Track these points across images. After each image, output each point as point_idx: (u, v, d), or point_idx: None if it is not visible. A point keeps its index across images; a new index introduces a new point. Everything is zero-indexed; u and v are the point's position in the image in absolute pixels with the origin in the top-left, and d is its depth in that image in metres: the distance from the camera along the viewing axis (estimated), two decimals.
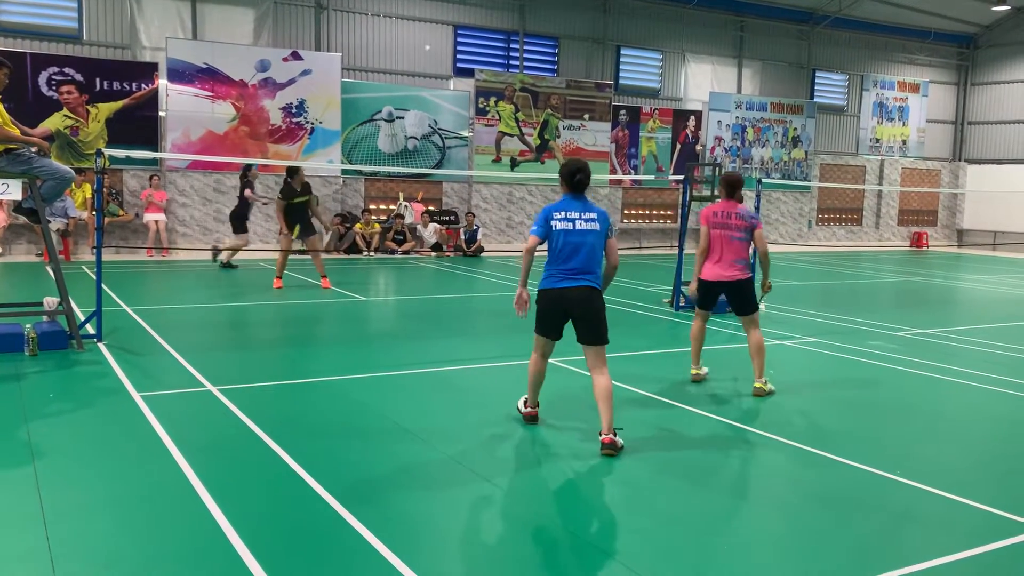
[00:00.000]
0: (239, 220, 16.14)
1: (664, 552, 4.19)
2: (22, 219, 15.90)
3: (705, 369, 7.87)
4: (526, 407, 6.35)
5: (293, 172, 13.44)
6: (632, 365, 8.45)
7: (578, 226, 5.76)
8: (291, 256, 18.21)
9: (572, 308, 5.78)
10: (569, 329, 5.95)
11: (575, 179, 5.80)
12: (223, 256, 16.14)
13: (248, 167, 16.28)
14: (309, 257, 18.81)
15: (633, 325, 10.97)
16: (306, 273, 15.67)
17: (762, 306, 12.43)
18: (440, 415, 6.52)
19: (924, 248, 29.05)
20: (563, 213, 5.78)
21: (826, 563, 4.12)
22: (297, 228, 13.47)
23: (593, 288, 5.77)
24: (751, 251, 7.75)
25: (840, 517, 4.70)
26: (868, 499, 4.98)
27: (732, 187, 7.59)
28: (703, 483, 5.21)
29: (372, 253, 19.58)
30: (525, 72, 22.88)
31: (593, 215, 5.81)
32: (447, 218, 21.57)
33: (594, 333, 5.77)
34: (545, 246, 5.87)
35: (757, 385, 7.34)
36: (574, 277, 5.75)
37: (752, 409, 6.94)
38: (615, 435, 5.63)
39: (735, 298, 7.56)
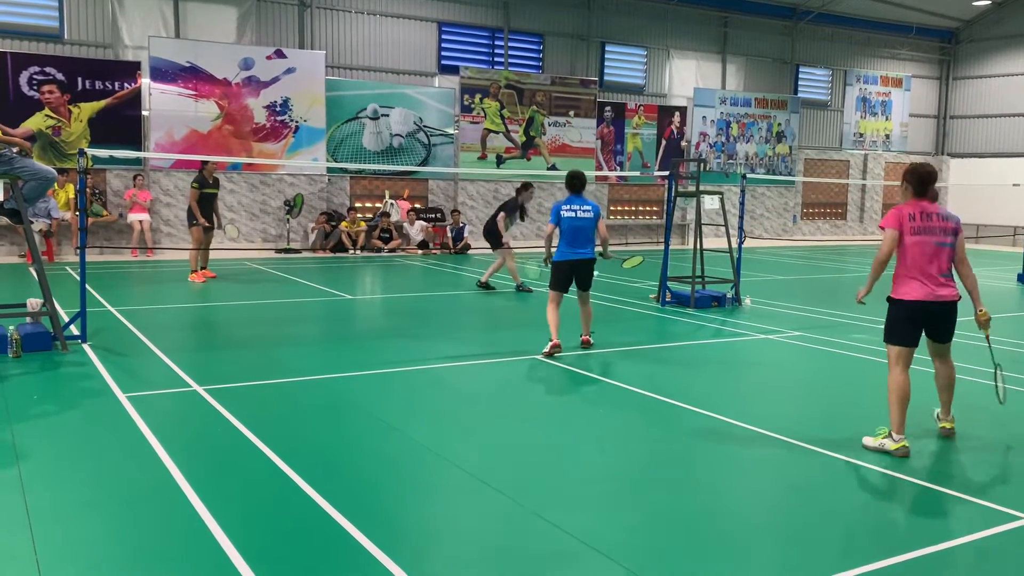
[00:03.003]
0: (493, 237, 13.72)
1: (653, 546, 4.21)
2: (4, 220, 15.78)
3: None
4: (549, 345, 8.38)
5: (204, 163, 14.13)
6: (618, 360, 8.48)
7: (579, 215, 8.55)
8: (270, 255, 18.16)
9: (579, 271, 8.66)
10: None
11: (571, 183, 8.75)
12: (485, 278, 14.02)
13: (526, 185, 13.77)
14: (282, 256, 18.75)
15: (620, 321, 10.99)
16: (292, 271, 15.63)
17: (748, 300, 12.51)
18: (427, 412, 6.52)
19: None
20: (568, 206, 8.59)
21: (814, 554, 4.15)
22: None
23: (592, 258, 8.69)
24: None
25: (826, 508, 4.74)
26: (854, 490, 5.02)
27: (923, 183, 5.97)
28: (690, 478, 5.24)
29: (358, 251, 19.53)
30: (510, 69, 22.87)
31: (588, 207, 8.63)
32: (433, 216, 21.55)
33: (588, 284, 8.83)
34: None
35: (946, 425, 6.09)
36: (580, 251, 8.60)
37: (735, 402, 6.97)
38: (590, 336, 8.89)
39: (944, 324, 5.93)
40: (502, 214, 13.30)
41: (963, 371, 8.23)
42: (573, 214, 8.51)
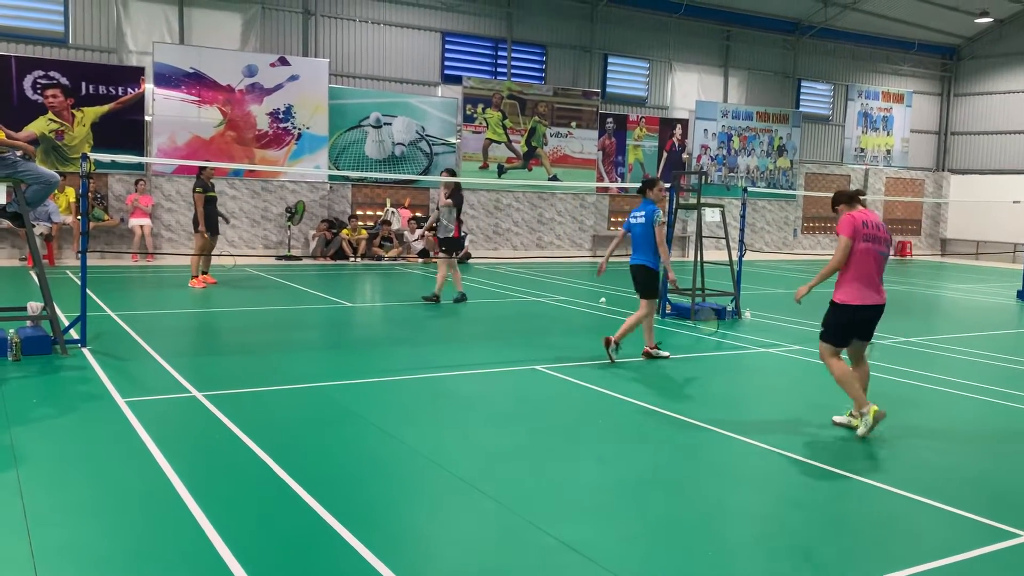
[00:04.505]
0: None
1: (650, 557, 4.20)
2: (5, 223, 15.80)
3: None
4: (613, 342, 8.78)
5: (201, 168, 14.32)
6: (617, 371, 8.47)
7: (633, 221, 9.06)
8: (271, 262, 18.19)
9: (633, 275, 9.06)
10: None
11: (639, 189, 9.18)
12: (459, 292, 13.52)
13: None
14: (283, 263, 18.76)
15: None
16: (292, 278, 15.63)
17: (747, 313, 12.52)
18: (425, 421, 6.52)
19: (908, 257, 29.27)
20: (632, 212, 9.12)
21: (810, 568, 4.15)
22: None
23: (641, 264, 8.95)
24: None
25: (823, 523, 4.74)
26: (851, 505, 5.01)
27: (853, 197, 6.51)
28: (689, 489, 5.23)
29: (358, 259, 19.55)
30: (513, 79, 22.94)
31: (641, 213, 8.97)
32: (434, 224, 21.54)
33: (642, 290, 9.05)
34: None
35: (875, 409, 6.29)
36: (633, 256, 9.07)
37: (735, 415, 6.97)
38: (616, 346, 8.75)
39: (872, 325, 6.43)
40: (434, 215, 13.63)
41: (932, 380, 8.24)
42: (632, 220, 9.09)
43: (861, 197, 6.56)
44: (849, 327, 6.37)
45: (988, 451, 6.28)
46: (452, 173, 14.41)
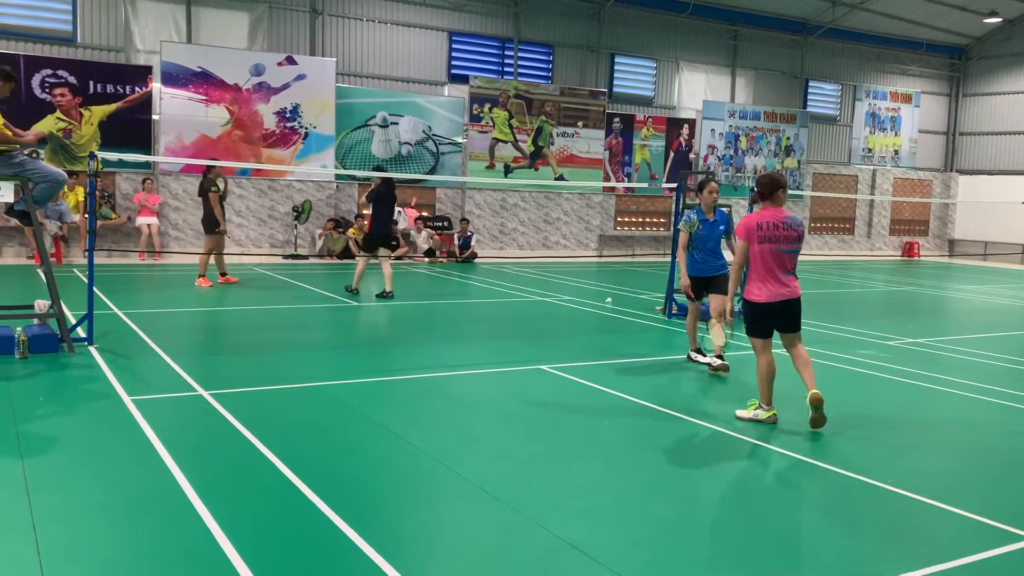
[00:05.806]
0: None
1: (656, 559, 4.19)
2: (13, 221, 15.83)
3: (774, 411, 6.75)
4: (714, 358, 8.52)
5: (209, 168, 14.33)
6: (623, 372, 8.46)
7: None
8: (277, 261, 18.22)
9: None
10: None
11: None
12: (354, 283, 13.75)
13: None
14: (289, 262, 18.79)
15: (627, 333, 10.99)
16: (298, 277, 15.65)
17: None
18: (431, 420, 6.51)
19: (915, 258, 29.18)
20: None
21: (817, 571, 4.13)
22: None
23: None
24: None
25: (831, 525, 4.72)
26: (859, 507, 4.99)
27: (769, 189, 6.64)
28: (695, 491, 5.22)
29: None
30: (519, 79, 22.93)
31: None
32: (440, 224, 21.57)
33: None
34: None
35: (814, 391, 6.50)
36: None
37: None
38: (696, 350, 8.98)
39: (787, 318, 6.65)
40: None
41: (939, 381, 8.20)
42: None
43: (775, 191, 6.64)
44: (765, 321, 6.67)
45: (994, 453, 6.25)
46: (380, 170, 14.72)
